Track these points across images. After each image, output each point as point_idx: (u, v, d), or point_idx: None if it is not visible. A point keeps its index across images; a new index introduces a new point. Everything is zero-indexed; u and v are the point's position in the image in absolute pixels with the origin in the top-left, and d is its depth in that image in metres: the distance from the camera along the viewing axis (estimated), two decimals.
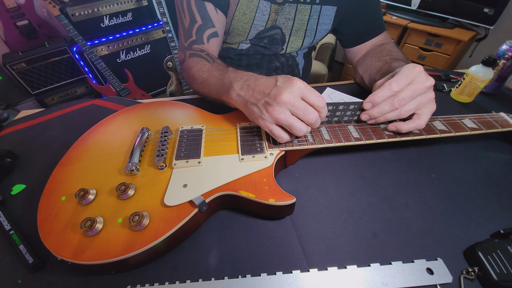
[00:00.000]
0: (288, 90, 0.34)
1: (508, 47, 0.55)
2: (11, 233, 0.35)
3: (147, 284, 0.31)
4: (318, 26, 0.64)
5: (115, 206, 0.34)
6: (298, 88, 0.34)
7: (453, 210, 0.39)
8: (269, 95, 0.35)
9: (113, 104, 0.60)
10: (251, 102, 0.38)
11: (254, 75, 0.41)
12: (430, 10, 1.59)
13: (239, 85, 0.40)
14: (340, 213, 0.38)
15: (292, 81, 0.35)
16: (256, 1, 0.58)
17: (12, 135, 0.54)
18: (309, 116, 0.35)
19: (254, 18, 0.60)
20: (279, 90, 0.34)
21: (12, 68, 1.53)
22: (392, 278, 0.31)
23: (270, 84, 0.36)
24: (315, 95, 0.35)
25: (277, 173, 0.43)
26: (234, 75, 0.42)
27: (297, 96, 0.35)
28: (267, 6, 0.59)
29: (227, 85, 0.42)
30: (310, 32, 0.65)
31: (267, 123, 0.37)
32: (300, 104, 0.35)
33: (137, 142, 0.41)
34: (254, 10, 0.59)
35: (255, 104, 0.37)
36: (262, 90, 0.36)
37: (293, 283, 0.31)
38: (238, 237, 0.36)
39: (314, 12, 0.62)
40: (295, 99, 0.34)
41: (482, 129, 0.44)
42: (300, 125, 0.36)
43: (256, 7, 0.59)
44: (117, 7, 1.64)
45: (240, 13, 0.59)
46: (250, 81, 0.39)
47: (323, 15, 0.63)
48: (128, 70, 1.70)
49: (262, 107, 0.36)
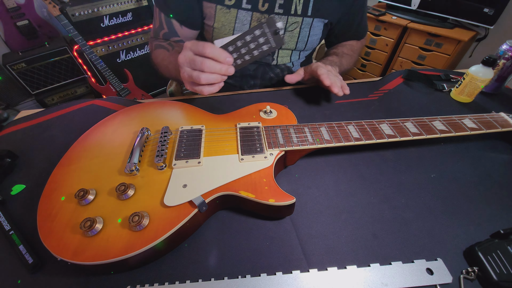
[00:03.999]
0: (181, 53, 0.42)
1: (508, 47, 0.55)
2: (11, 233, 0.35)
3: (147, 284, 0.31)
4: (309, 37, 0.64)
5: (114, 206, 0.34)
6: (189, 48, 0.41)
7: (453, 210, 0.39)
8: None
9: (113, 104, 0.60)
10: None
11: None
12: (430, 10, 1.59)
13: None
14: (340, 213, 0.38)
15: (185, 45, 0.42)
16: (234, 12, 0.58)
17: (12, 135, 0.54)
18: (203, 64, 0.39)
19: (234, 29, 0.61)
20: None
21: (12, 68, 1.52)
22: (392, 278, 0.31)
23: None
24: (202, 46, 0.40)
25: (277, 173, 0.43)
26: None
27: (189, 54, 0.41)
28: (247, 16, 0.59)
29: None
30: (301, 44, 0.65)
31: (185, 83, 0.44)
32: (193, 58, 0.40)
33: (137, 142, 0.41)
34: (232, 21, 0.59)
35: (181, 65, 0.43)
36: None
37: (293, 283, 0.31)
38: (238, 237, 0.36)
39: (305, 25, 0.62)
40: (187, 57, 0.41)
41: (482, 129, 0.44)
42: (198, 74, 0.40)
43: (235, 18, 0.59)
44: (117, 7, 1.64)
45: (219, 25, 0.60)
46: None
47: (314, 27, 0.63)
48: (128, 70, 1.70)
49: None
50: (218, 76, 0.41)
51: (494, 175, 0.44)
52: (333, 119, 0.54)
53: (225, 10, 0.58)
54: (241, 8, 0.58)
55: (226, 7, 0.58)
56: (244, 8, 0.58)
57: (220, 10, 0.58)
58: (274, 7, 0.59)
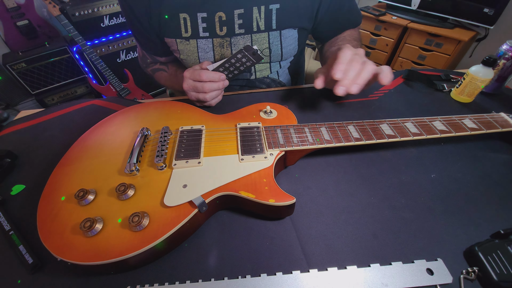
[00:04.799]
0: (184, 83, 0.54)
1: (508, 47, 0.55)
2: (11, 234, 0.35)
3: (147, 284, 0.31)
4: (282, 49, 0.62)
5: (114, 206, 0.34)
6: (188, 78, 0.54)
7: (453, 210, 0.39)
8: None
9: (113, 104, 0.60)
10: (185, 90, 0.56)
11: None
12: (430, 10, 1.59)
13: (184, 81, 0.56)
14: (340, 213, 0.38)
15: (184, 75, 0.54)
16: (194, 42, 0.59)
17: (12, 135, 0.54)
18: (204, 88, 0.52)
19: (199, 58, 0.61)
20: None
21: (12, 68, 1.53)
22: (392, 278, 0.31)
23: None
24: (198, 74, 0.52)
25: (277, 173, 0.43)
26: (180, 75, 0.59)
27: (190, 82, 0.53)
28: (208, 43, 0.59)
29: (181, 81, 0.56)
30: (276, 56, 0.63)
31: (194, 102, 0.57)
32: (195, 84, 0.53)
33: (137, 142, 0.41)
34: (195, 51, 0.60)
35: (187, 92, 0.55)
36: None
37: (293, 284, 0.31)
38: (238, 238, 0.36)
39: (274, 39, 0.60)
40: (190, 85, 0.53)
41: (482, 129, 0.44)
42: (204, 96, 0.53)
43: (196, 48, 0.60)
44: (117, 7, 1.64)
45: (184, 56, 0.62)
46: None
47: (285, 37, 0.61)
48: (128, 70, 1.70)
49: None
50: (218, 91, 0.55)
51: (494, 175, 0.44)
52: (333, 119, 0.54)
53: (185, 42, 0.59)
54: (200, 38, 0.58)
55: (185, 39, 0.59)
56: (203, 36, 0.58)
57: (180, 43, 0.60)
58: (233, 28, 0.57)
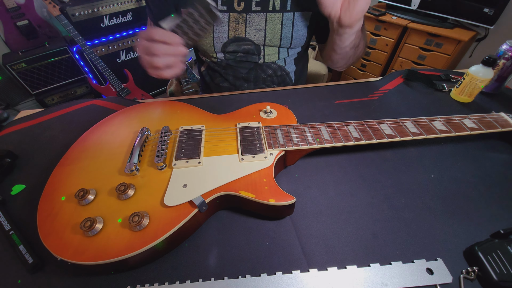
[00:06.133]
0: (137, 43, 0.46)
1: (508, 47, 0.55)
2: (11, 233, 0.35)
3: (147, 284, 0.31)
4: (293, 33, 0.62)
5: (115, 206, 0.34)
6: (141, 37, 0.44)
7: (453, 210, 0.39)
8: None
9: (113, 104, 0.60)
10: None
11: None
12: (430, 10, 1.58)
13: None
14: (340, 213, 0.38)
15: (138, 34, 0.48)
16: None
17: (12, 135, 0.54)
18: (157, 49, 0.43)
19: (213, 31, 0.61)
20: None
21: (12, 68, 1.52)
22: (392, 278, 0.31)
23: None
24: (150, 32, 0.43)
25: (277, 173, 0.43)
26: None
27: (143, 43, 0.44)
28: (224, 17, 0.59)
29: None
30: (286, 40, 0.63)
31: (147, 71, 0.46)
32: (147, 45, 0.43)
33: (137, 142, 0.41)
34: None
35: (140, 57, 0.46)
36: None
37: (293, 283, 0.31)
38: (238, 237, 0.36)
39: (286, 20, 0.60)
40: (141, 46, 0.44)
41: (482, 129, 0.44)
42: (154, 59, 0.43)
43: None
44: (117, 7, 1.64)
45: None
46: None
47: (297, 21, 0.61)
48: (128, 70, 1.70)
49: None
50: (172, 58, 0.44)
51: (494, 175, 0.44)
52: (333, 119, 0.54)
53: None
54: (217, 10, 0.58)
55: None
56: (220, 10, 0.58)
57: None
58: (250, 5, 0.58)
